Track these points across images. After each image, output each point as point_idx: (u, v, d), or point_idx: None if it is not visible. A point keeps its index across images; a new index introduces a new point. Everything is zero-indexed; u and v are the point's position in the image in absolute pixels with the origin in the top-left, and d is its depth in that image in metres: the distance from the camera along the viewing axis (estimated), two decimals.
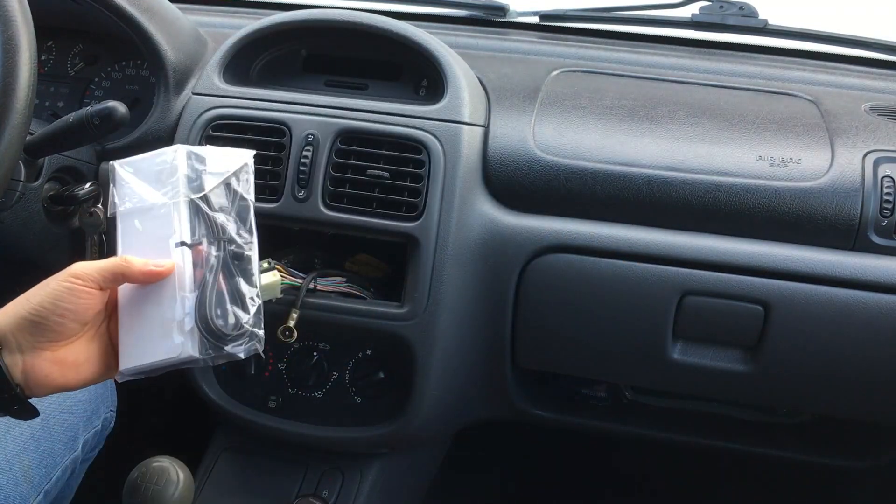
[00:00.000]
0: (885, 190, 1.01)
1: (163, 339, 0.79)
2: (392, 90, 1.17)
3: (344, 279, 1.08)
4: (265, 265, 1.01)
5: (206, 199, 0.83)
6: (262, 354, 1.11)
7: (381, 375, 1.10)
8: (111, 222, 0.86)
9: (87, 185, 1.07)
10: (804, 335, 1.02)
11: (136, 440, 1.47)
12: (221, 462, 1.17)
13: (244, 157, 0.87)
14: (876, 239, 1.01)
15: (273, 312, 1.03)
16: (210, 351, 0.80)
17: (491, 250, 1.06)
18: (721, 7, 1.37)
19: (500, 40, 1.37)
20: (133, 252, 0.81)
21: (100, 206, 1.07)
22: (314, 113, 1.07)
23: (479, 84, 1.15)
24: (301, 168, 1.04)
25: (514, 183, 1.07)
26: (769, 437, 1.22)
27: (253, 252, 0.84)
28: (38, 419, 0.98)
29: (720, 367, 1.06)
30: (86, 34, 1.28)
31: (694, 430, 1.22)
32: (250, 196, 0.85)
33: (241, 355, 0.81)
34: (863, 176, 1.02)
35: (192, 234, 0.82)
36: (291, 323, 1.03)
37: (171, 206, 0.83)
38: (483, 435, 1.35)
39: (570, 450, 1.64)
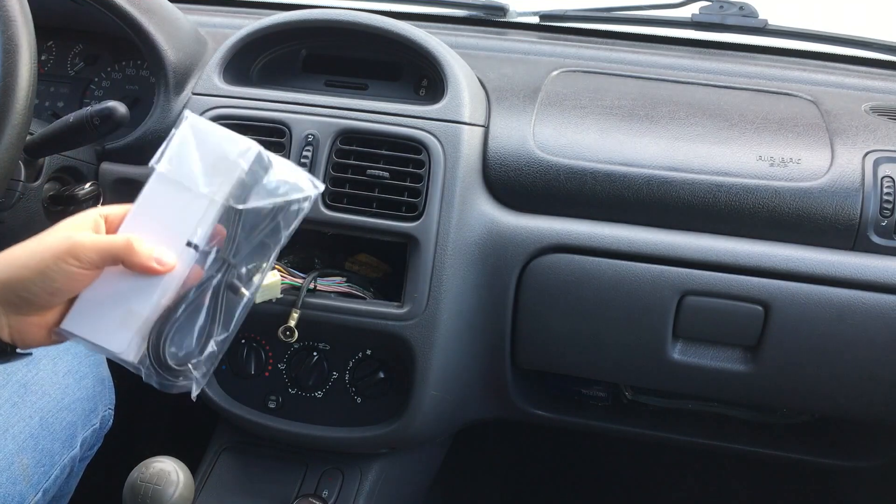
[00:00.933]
0: (885, 190, 1.01)
1: (116, 327, 0.74)
2: (392, 90, 1.17)
3: (344, 279, 1.08)
4: None
5: (242, 213, 0.76)
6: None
7: (381, 375, 1.10)
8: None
9: (88, 185, 1.07)
10: (804, 335, 1.02)
11: (136, 440, 1.48)
12: (221, 462, 1.17)
13: (309, 189, 0.78)
14: (876, 239, 1.01)
15: (273, 312, 1.03)
16: (146, 368, 0.75)
17: (491, 250, 1.06)
18: (721, 7, 1.37)
19: (500, 40, 1.37)
20: (143, 220, 0.75)
21: (100, 206, 1.07)
22: (314, 113, 1.07)
23: (479, 84, 1.15)
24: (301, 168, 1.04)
25: (514, 183, 1.07)
26: (769, 437, 1.22)
27: (248, 294, 0.77)
28: (36, 418, 0.98)
29: (720, 367, 1.06)
30: (86, 34, 1.28)
31: (694, 430, 1.22)
32: (286, 234, 0.77)
33: (169, 391, 0.76)
34: (863, 176, 1.02)
35: (209, 241, 0.76)
36: (292, 323, 1.03)
37: (208, 202, 0.75)
38: (483, 435, 1.35)
39: (570, 450, 1.64)
